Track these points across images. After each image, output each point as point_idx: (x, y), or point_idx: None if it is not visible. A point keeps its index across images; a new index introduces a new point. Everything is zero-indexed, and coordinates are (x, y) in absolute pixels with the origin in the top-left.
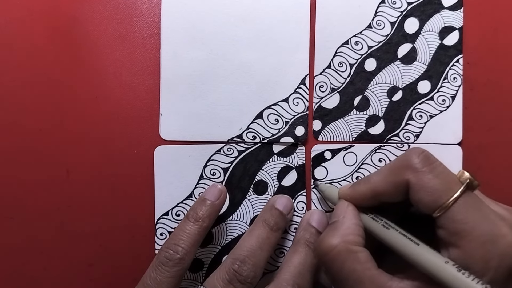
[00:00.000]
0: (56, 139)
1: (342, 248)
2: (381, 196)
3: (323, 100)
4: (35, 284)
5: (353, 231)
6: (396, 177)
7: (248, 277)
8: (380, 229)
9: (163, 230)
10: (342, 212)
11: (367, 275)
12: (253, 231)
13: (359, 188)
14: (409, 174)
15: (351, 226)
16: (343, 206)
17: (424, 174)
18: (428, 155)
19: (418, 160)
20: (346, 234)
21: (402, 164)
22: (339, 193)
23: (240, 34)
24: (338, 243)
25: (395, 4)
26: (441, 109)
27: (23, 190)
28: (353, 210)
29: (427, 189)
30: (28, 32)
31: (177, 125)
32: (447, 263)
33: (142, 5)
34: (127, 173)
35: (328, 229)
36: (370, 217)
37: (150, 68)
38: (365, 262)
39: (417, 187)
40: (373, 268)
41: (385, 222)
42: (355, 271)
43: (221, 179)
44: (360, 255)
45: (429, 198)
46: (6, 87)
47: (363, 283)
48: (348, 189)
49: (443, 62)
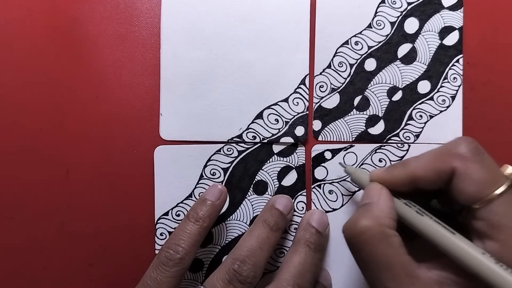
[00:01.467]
0: (56, 139)
1: (376, 231)
2: (420, 182)
3: (323, 100)
4: (35, 284)
5: (388, 214)
6: (441, 164)
7: (248, 277)
8: (413, 215)
9: (163, 230)
10: (376, 194)
11: (398, 260)
12: (253, 231)
13: (396, 172)
14: (457, 162)
15: (386, 208)
16: (376, 188)
17: (473, 164)
18: (478, 146)
19: (468, 149)
20: (381, 217)
21: (450, 151)
22: (372, 176)
23: (240, 34)
24: (373, 225)
25: (395, 4)
26: (441, 109)
27: (23, 190)
28: (387, 193)
29: (474, 179)
30: (28, 32)
31: (177, 125)
32: (484, 254)
33: (142, 5)
34: (127, 173)
35: (361, 210)
36: (403, 202)
37: (150, 68)
38: (398, 247)
39: (464, 176)
40: (405, 254)
41: (418, 208)
42: (387, 256)
43: (221, 179)
44: (393, 239)
45: (474, 188)
46: (6, 87)
47: (393, 268)
48: (383, 172)
49: (443, 62)
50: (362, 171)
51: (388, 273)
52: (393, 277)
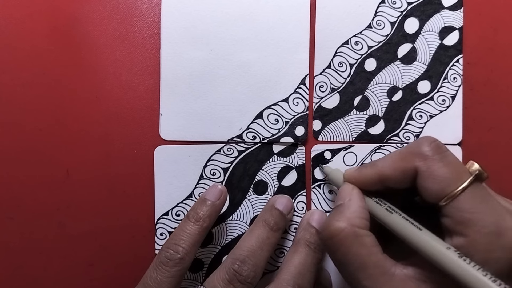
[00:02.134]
0: (56, 139)
1: (348, 232)
2: (387, 181)
3: (323, 100)
4: (35, 284)
5: (359, 214)
6: (405, 163)
7: (248, 277)
8: (383, 213)
9: (163, 230)
10: (348, 195)
11: (372, 260)
12: (253, 231)
13: (366, 172)
14: (418, 161)
15: (357, 209)
16: (348, 188)
17: (434, 162)
18: (439, 144)
19: (429, 148)
20: (353, 218)
21: (412, 150)
22: (345, 175)
23: (240, 34)
24: (345, 227)
25: (395, 4)
26: (441, 109)
27: (23, 190)
28: (358, 193)
29: (436, 177)
30: (28, 32)
31: (177, 125)
32: (449, 249)
33: (142, 5)
34: (127, 173)
35: (334, 212)
36: (374, 201)
37: (150, 68)
38: (370, 246)
39: (426, 175)
40: (378, 253)
41: (388, 206)
42: (360, 256)
43: (221, 179)
44: (366, 239)
45: (437, 186)
46: (6, 87)
47: (367, 268)
48: (354, 172)
49: (443, 62)
50: (338, 171)
51: (363, 272)
52: (368, 276)
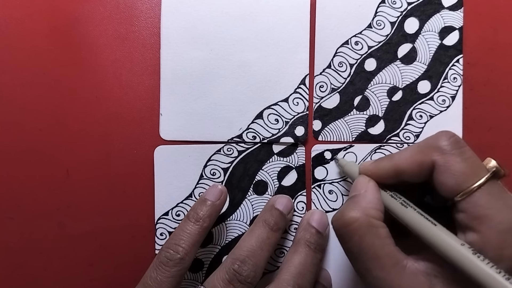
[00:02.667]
0: (56, 139)
1: (363, 222)
2: (404, 175)
3: (323, 100)
4: (35, 284)
5: (375, 205)
6: (423, 157)
7: (248, 277)
8: (398, 207)
9: (163, 230)
10: (363, 186)
11: (385, 251)
12: (253, 231)
13: (382, 164)
14: (436, 155)
15: (373, 200)
16: (364, 180)
17: (452, 157)
18: (458, 139)
19: (447, 142)
20: (368, 208)
21: (431, 144)
22: (360, 168)
23: (240, 34)
24: (360, 216)
25: (395, 4)
26: (441, 109)
27: (23, 190)
28: (374, 185)
29: (453, 172)
30: (28, 32)
31: (177, 125)
32: (463, 245)
33: (142, 5)
34: (127, 173)
35: (349, 202)
36: (389, 194)
37: (150, 68)
38: (384, 237)
39: (443, 169)
40: (391, 245)
41: (403, 200)
42: (374, 246)
43: (221, 179)
44: (380, 230)
45: (454, 181)
46: (6, 87)
47: (380, 258)
48: (370, 165)
49: (443, 62)
50: (353, 164)
51: (376, 262)
52: (380, 266)
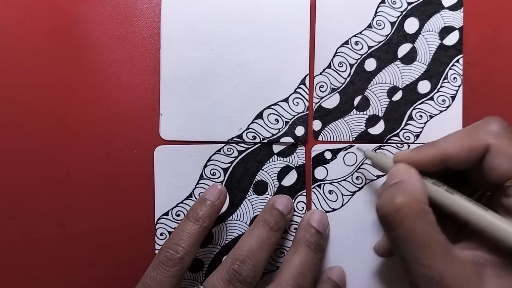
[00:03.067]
0: (56, 139)
1: (414, 207)
2: (451, 161)
3: (323, 100)
4: (35, 284)
5: (422, 190)
6: (474, 141)
7: (248, 277)
8: (443, 194)
9: (163, 230)
10: (405, 173)
11: (436, 238)
12: (253, 231)
13: (425, 151)
14: (491, 138)
15: (420, 185)
16: (404, 167)
17: (507, 140)
18: (508, 124)
19: (500, 125)
20: (416, 193)
21: (482, 128)
22: (396, 157)
23: (240, 34)
24: (410, 201)
25: (395, 4)
26: (441, 109)
27: (23, 190)
28: (416, 171)
29: (509, 155)
30: (28, 32)
31: (177, 125)
32: None
33: (142, 5)
34: (127, 173)
35: (394, 187)
36: (431, 182)
37: (150, 68)
38: (435, 224)
39: (498, 153)
40: (441, 232)
41: (447, 187)
42: (426, 232)
43: (221, 179)
44: (430, 216)
45: (509, 164)
46: (6, 87)
47: (431, 245)
48: (410, 152)
49: (443, 62)
50: (382, 154)
51: (426, 250)
52: (431, 254)
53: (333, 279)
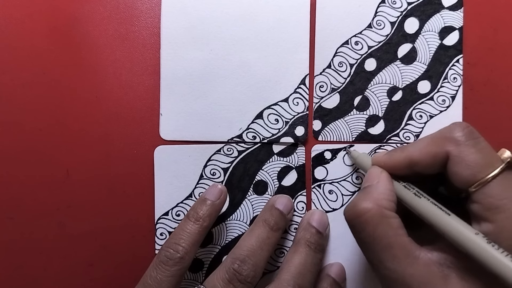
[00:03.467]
0: (56, 139)
1: (376, 212)
2: (417, 166)
3: (323, 100)
4: (35, 284)
5: (387, 196)
6: (436, 148)
7: (248, 276)
8: (411, 197)
9: (163, 230)
10: (376, 177)
11: (398, 241)
12: (253, 231)
13: (395, 155)
14: (451, 146)
15: (385, 191)
16: (376, 171)
17: (466, 148)
18: (472, 130)
19: (462, 133)
20: (380, 199)
21: (445, 135)
22: (373, 159)
23: (240, 34)
24: (372, 207)
25: (395, 4)
26: (441, 109)
27: (23, 190)
28: (387, 176)
29: (468, 163)
30: (28, 32)
31: (177, 125)
32: (477, 234)
33: (142, 5)
34: (127, 173)
35: (361, 193)
36: (402, 185)
37: (150, 68)
38: (397, 228)
39: (458, 160)
40: (404, 235)
41: (417, 191)
42: (387, 236)
43: (221, 179)
44: (393, 221)
45: (469, 172)
46: (6, 87)
47: (392, 248)
48: (383, 156)
49: (443, 62)
50: (365, 155)
51: (388, 253)
52: (392, 257)
53: (332, 276)
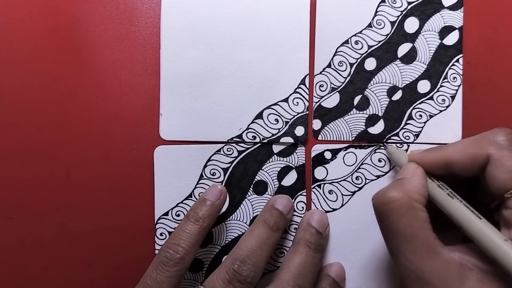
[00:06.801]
0: (56, 139)
1: (404, 202)
2: (454, 166)
3: (323, 100)
4: (35, 284)
5: (419, 190)
6: (477, 149)
7: (248, 277)
8: (444, 197)
9: (163, 230)
10: (411, 172)
11: (422, 234)
12: (253, 231)
13: (433, 153)
14: (492, 149)
15: (418, 185)
16: (412, 167)
17: (508, 153)
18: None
19: (505, 138)
20: (411, 191)
21: (487, 138)
22: (410, 155)
23: (240, 34)
24: (402, 197)
25: (395, 3)
26: (441, 108)
27: (23, 190)
28: (422, 172)
29: (508, 167)
30: (28, 32)
31: (177, 125)
32: (506, 241)
33: (142, 5)
34: (127, 173)
35: (393, 183)
36: (436, 184)
37: (150, 68)
38: (423, 221)
39: (498, 164)
40: (428, 230)
41: (450, 191)
42: (411, 227)
43: (221, 179)
44: (420, 213)
45: (507, 176)
46: (6, 87)
47: (415, 240)
48: (420, 153)
49: (443, 61)
50: (402, 151)
51: (410, 244)
52: (414, 249)
53: (332, 276)
